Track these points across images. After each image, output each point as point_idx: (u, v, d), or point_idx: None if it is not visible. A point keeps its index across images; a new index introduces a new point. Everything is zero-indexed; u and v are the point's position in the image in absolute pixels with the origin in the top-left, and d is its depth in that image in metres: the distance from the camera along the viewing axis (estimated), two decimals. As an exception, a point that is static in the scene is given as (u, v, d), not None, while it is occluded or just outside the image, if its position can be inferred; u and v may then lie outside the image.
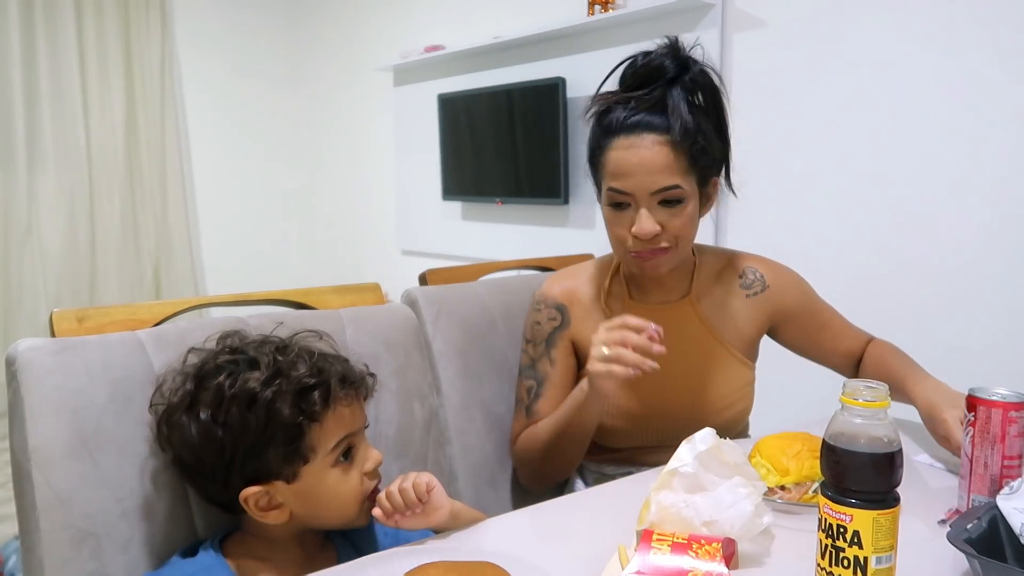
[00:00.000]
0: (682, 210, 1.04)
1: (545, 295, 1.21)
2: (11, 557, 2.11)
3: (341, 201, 4.51)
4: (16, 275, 3.78)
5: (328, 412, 0.82)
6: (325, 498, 0.83)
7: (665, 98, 1.03)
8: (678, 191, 1.03)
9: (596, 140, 1.09)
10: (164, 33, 4.12)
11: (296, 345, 0.87)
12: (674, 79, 1.04)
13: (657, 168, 1.02)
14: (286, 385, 0.80)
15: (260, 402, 0.79)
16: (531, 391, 1.17)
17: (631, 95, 1.05)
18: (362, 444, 0.86)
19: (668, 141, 1.02)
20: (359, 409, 0.87)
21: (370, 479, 0.86)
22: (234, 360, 0.83)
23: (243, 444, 0.79)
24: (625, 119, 1.04)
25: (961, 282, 2.00)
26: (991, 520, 0.73)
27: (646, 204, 1.03)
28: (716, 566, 0.67)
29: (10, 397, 0.81)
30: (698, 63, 1.06)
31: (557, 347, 1.17)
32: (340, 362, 0.87)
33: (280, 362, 0.82)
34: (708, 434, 0.78)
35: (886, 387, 0.63)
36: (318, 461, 0.81)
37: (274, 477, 0.81)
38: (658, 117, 1.03)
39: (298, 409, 0.79)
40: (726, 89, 1.08)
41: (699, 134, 1.03)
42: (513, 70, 3.21)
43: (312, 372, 0.82)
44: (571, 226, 3.04)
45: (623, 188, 1.04)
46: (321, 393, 0.81)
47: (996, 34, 1.90)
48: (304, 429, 0.80)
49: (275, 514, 0.82)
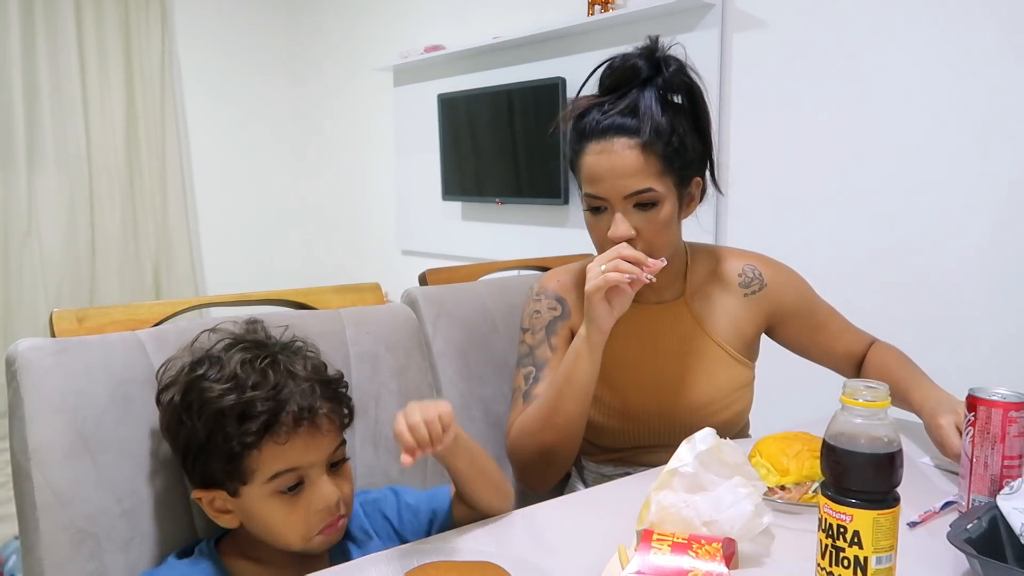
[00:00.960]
0: (657, 213, 1.04)
1: (544, 287, 1.20)
2: (11, 557, 2.11)
3: (341, 201, 4.51)
4: (16, 275, 3.78)
5: (267, 441, 0.77)
6: (265, 523, 0.81)
7: (638, 101, 1.03)
8: (651, 194, 1.03)
9: (572, 145, 1.10)
10: (164, 33, 4.12)
11: (286, 358, 0.83)
12: (647, 80, 1.05)
13: (628, 172, 1.02)
14: (236, 402, 0.77)
15: (209, 411, 0.78)
16: (529, 377, 1.14)
17: (604, 99, 1.06)
18: (318, 480, 0.81)
19: (639, 144, 1.02)
20: (322, 442, 0.81)
21: (320, 519, 0.81)
22: (219, 358, 0.81)
23: (192, 446, 0.79)
24: (598, 123, 1.04)
25: (961, 282, 2.00)
26: (991, 520, 0.73)
27: (620, 208, 1.04)
28: (716, 566, 0.67)
29: (10, 397, 0.81)
30: (674, 63, 1.05)
31: (557, 335, 1.16)
32: (312, 393, 0.81)
33: (240, 375, 0.79)
34: (708, 434, 0.78)
35: (886, 387, 0.63)
36: (256, 487, 0.79)
37: (219, 486, 0.80)
38: (630, 119, 1.03)
39: (236, 430, 0.77)
40: (706, 87, 1.08)
41: (673, 135, 1.03)
42: (513, 70, 3.21)
43: (269, 395, 0.78)
44: (571, 226, 3.04)
45: (597, 193, 1.05)
46: (264, 421, 0.77)
47: (997, 34, 1.90)
48: (237, 452, 0.77)
49: (226, 518, 0.82)
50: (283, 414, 0.78)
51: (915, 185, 2.07)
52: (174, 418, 0.81)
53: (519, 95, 3.09)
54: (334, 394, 0.85)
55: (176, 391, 0.81)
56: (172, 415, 0.81)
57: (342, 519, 0.84)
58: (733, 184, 2.48)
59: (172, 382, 0.82)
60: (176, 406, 0.80)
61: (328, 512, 0.81)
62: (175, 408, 0.81)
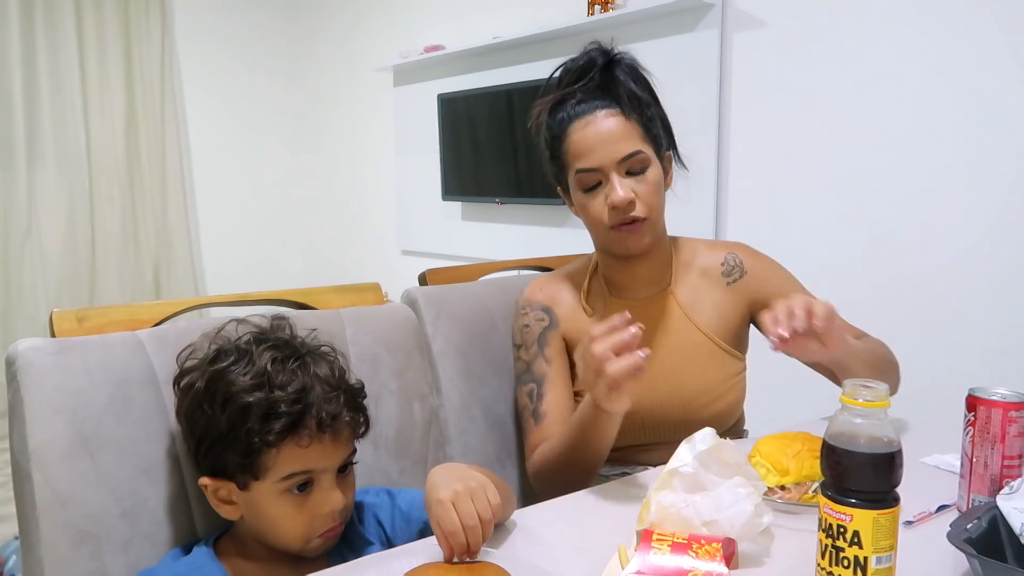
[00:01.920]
0: (647, 177, 1.08)
1: (529, 300, 1.21)
2: (11, 557, 2.11)
3: (341, 201, 4.51)
4: (16, 275, 3.78)
5: (288, 441, 0.78)
6: (269, 520, 0.81)
7: (606, 81, 1.09)
8: (642, 156, 1.07)
9: (552, 136, 1.12)
10: (164, 33, 4.12)
11: (313, 361, 0.83)
12: (606, 66, 1.10)
13: (617, 137, 1.06)
14: (261, 399, 0.78)
15: (234, 405, 0.78)
16: (532, 394, 1.15)
17: (575, 88, 1.10)
18: (327, 484, 0.82)
19: (620, 112, 1.07)
20: (338, 449, 0.83)
21: (322, 523, 0.82)
22: (247, 351, 0.82)
23: (210, 435, 0.80)
24: (575, 106, 1.09)
25: (961, 281, 2.00)
26: (991, 520, 0.73)
27: (616, 172, 1.07)
28: (716, 566, 0.67)
29: (10, 397, 0.81)
30: (625, 55, 1.12)
31: (550, 346, 1.16)
32: (337, 400, 0.81)
33: (270, 372, 0.79)
34: (708, 434, 0.78)
35: (886, 387, 0.63)
36: (268, 484, 0.80)
37: (229, 477, 0.81)
38: (605, 95, 1.09)
39: (258, 427, 0.77)
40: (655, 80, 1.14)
41: (645, 106, 1.09)
42: (513, 70, 3.21)
43: (294, 397, 0.79)
44: (571, 226, 3.04)
45: (590, 165, 1.07)
46: (286, 422, 0.78)
47: (998, 34, 1.90)
48: (257, 448, 0.78)
49: (228, 509, 0.83)
50: (307, 417, 0.79)
51: (914, 184, 2.07)
52: (194, 404, 0.81)
53: (519, 95, 3.09)
54: (356, 403, 0.86)
55: (199, 378, 0.81)
56: (192, 401, 0.81)
57: (341, 524, 0.84)
58: (733, 184, 2.48)
59: (195, 368, 0.83)
60: (198, 392, 0.81)
61: (332, 517, 0.82)
62: (196, 395, 0.81)
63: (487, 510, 0.72)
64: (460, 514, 0.71)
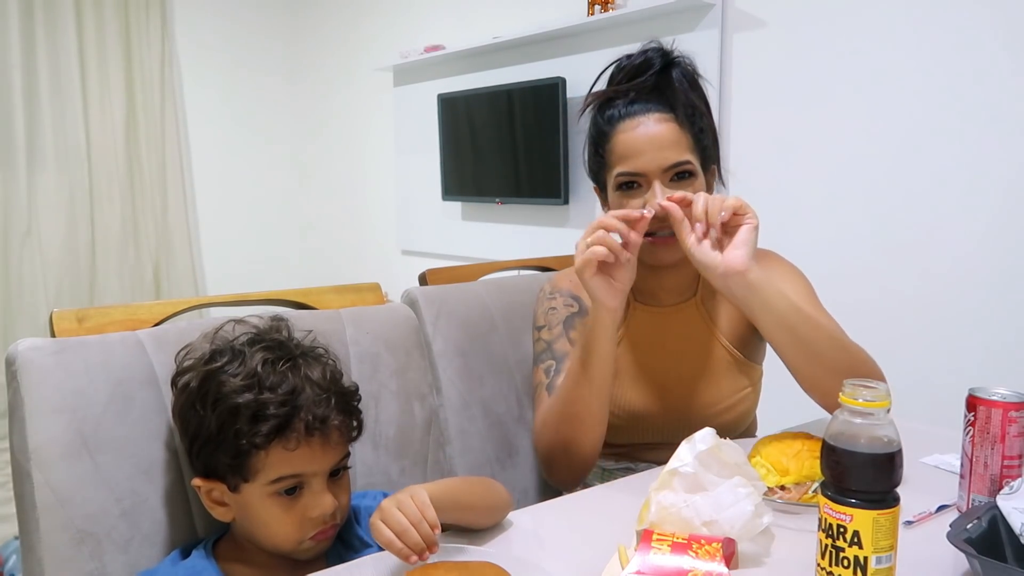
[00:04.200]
0: (691, 188, 1.03)
1: (558, 286, 1.19)
2: (11, 557, 2.11)
3: (341, 201, 4.51)
4: (16, 275, 3.78)
5: (276, 444, 0.78)
6: (259, 522, 0.81)
7: (661, 83, 1.05)
8: (689, 166, 1.04)
9: (599, 131, 1.09)
10: (164, 33, 4.12)
11: (306, 362, 0.83)
12: (664, 68, 1.06)
13: (667, 143, 1.03)
14: (251, 400, 0.78)
15: (224, 405, 0.78)
16: (549, 370, 1.12)
17: (629, 85, 1.06)
18: (317, 488, 0.81)
19: (673, 119, 1.04)
20: (328, 453, 0.82)
21: (312, 526, 0.81)
22: (241, 352, 0.82)
23: (201, 436, 0.80)
24: (628, 105, 1.06)
25: (961, 281, 2.00)
26: (991, 520, 0.73)
27: (659, 180, 1.03)
28: (716, 566, 0.67)
29: (10, 397, 0.81)
30: (685, 57, 1.08)
31: (576, 329, 1.14)
32: (327, 402, 0.81)
33: (261, 374, 0.79)
34: (708, 434, 0.78)
35: (886, 387, 0.63)
36: (257, 486, 0.79)
37: (220, 479, 0.81)
38: (660, 99, 1.05)
39: (247, 429, 0.77)
40: (711, 87, 1.11)
41: (698, 115, 1.05)
42: (513, 70, 3.21)
43: (283, 399, 0.78)
44: (571, 226, 3.04)
45: (635, 169, 1.04)
46: (274, 424, 0.77)
47: (998, 34, 1.90)
48: (245, 450, 0.78)
49: (221, 511, 0.83)
50: (295, 420, 0.78)
51: (914, 184, 2.07)
52: (188, 404, 0.81)
53: (519, 95, 3.09)
54: (347, 406, 0.85)
55: (193, 378, 0.81)
56: (186, 401, 0.81)
57: (334, 527, 0.84)
58: (733, 183, 2.48)
59: (191, 368, 0.83)
60: (191, 393, 0.81)
61: (322, 520, 0.82)
62: (190, 394, 0.81)
63: (415, 512, 0.72)
64: (389, 524, 0.71)
